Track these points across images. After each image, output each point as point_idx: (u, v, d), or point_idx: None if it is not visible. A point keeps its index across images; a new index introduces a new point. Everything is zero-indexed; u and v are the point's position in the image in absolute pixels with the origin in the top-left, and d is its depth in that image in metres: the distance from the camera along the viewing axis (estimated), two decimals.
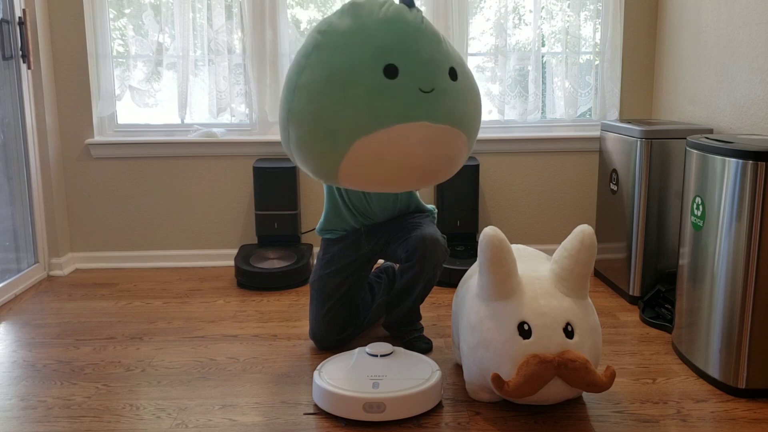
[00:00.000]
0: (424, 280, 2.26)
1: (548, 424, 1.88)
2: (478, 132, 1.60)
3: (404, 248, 2.24)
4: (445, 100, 1.40)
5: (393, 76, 1.36)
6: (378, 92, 1.36)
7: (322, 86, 1.40)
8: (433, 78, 1.39)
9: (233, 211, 3.50)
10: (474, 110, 1.50)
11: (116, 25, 3.42)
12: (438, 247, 2.23)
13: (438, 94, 1.39)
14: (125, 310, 2.86)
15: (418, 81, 1.37)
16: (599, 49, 3.41)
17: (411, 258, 2.23)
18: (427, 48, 1.39)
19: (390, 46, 1.37)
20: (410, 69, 1.37)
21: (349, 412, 1.87)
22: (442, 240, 2.26)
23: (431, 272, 2.25)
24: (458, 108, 1.43)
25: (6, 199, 3.11)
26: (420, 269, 2.23)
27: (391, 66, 1.36)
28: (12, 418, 1.95)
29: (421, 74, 1.38)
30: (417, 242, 2.21)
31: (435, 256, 2.23)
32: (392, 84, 1.35)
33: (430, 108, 1.39)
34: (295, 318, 2.74)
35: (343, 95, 1.37)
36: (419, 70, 1.38)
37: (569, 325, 1.83)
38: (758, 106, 2.48)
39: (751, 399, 2.02)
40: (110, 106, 3.43)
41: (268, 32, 3.31)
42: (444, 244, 2.26)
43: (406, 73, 1.36)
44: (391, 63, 1.36)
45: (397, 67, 1.37)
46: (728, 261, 2.02)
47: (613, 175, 3.01)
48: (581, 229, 1.88)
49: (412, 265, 2.24)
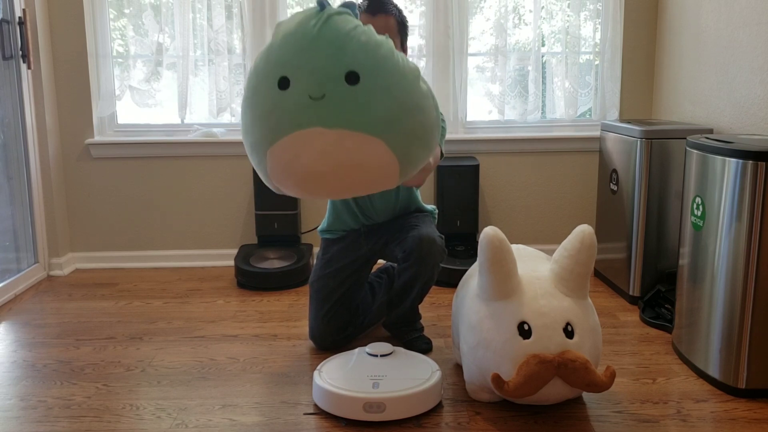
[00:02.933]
0: (421, 281, 2.26)
1: (548, 424, 1.88)
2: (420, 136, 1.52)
3: (401, 248, 2.24)
4: (340, 104, 1.41)
5: (285, 87, 1.43)
6: (273, 105, 1.44)
7: (244, 106, 1.53)
8: (323, 84, 1.41)
9: (233, 211, 3.50)
10: (389, 114, 1.46)
11: (116, 25, 3.42)
12: (435, 248, 2.22)
13: (329, 99, 1.41)
14: (125, 310, 2.86)
15: (307, 89, 1.42)
16: (599, 49, 3.42)
17: (408, 258, 2.23)
18: (320, 56, 1.42)
19: (284, 59, 1.45)
20: (300, 78, 1.42)
21: (349, 412, 1.87)
22: (440, 240, 2.25)
23: (428, 273, 2.25)
24: (358, 111, 1.42)
25: (6, 199, 3.11)
26: (417, 270, 2.23)
27: (283, 78, 1.43)
28: (12, 418, 1.95)
29: (309, 82, 1.42)
30: (414, 242, 2.21)
31: (432, 257, 2.22)
32: (285, 95, 1.42)
33: (321, 114, 1.41)
34: (295, 318, 2.74)
35: (253, 112, 1.48)
36: (308, 79, 1.42)
37: (569, 325, 1.83)
38: (758, 106, 2.48)
39: (751, 399, 2.02)
40: (110, 106, 3.43)
41: (268, 32, 3.31)
42: (441, 244, 2.26)
43: (296, 82, 1.42)
44: (283, 75, 1.44)
45: (289, 79, 1.43)
46: (728, 261, 2.02)
47: (613, 175, 3.01)
48: (581, 229, 1.88)
49: (409, 266, 2.24)
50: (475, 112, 3.54)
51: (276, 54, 1.46)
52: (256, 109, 1.47)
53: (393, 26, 2.13)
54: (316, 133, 1.42)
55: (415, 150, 1.52)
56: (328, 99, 1.41)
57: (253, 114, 1.48)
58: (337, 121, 1.42)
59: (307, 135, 1.42)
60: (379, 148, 1.46)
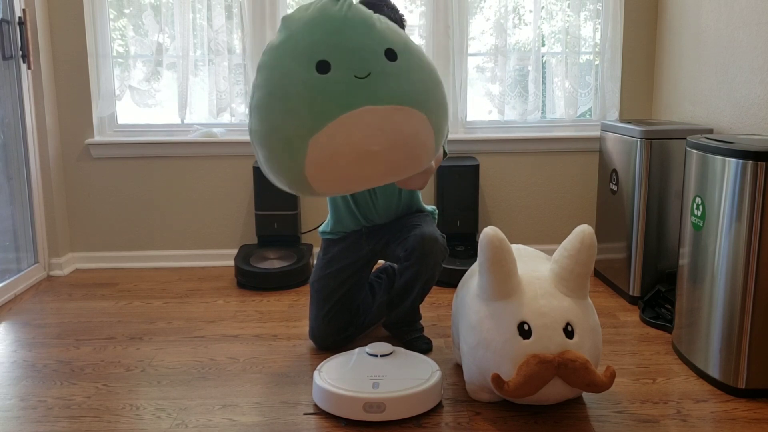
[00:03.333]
0: (422, 280, 2.26)
1: (548, 424, 1.88)
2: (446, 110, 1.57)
3: (403, 247, 2.24)
4: (386, 81, 1.41)
5: (326, 71, 1.39)
6: (315, 91, 1.39)
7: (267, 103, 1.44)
8: (366, 63, 1.41)
9: (233, 211, 3.50)
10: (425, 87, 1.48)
11: (116, 25, 3.42)
12: (436, 247, 2.22)
13: (375, 76, 1.41)
14: (125, 310, 2.86)
15: (351, 69, 1.39)
16: (599, 49, 3.42)
17: (410, 257, 2.23)
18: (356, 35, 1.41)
19: (317, 43, 1.40)
20: (341, 59, 1.39)
21: (349, 412, 1.87)
22: (441, 239, 2.26)
23: (430, 272, 2.25)
24: (402, 86, 1.44)
25: (6, 199, 3.11)
26: (418, 269, 2.23)
27: (322, 62, 1.39)
28: (12, 418, 1.95)
29: (353, 62, 1.40)
30: (415, 241, 2.21)
31: (433, 256, 2.22)
32: (327, 78, 1.38)
33: (369, 92, 1.40)
34: (295, 318, 2.74)
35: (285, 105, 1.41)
36: (350, 58, 1.40)
37: (569, 325, 1.83)
38: (758, 106, 2.48)
39: (751, 399, 2.02)
40: (110, 106, 3.43)
41: (268, 32, 3.31)
42: (443, 243, 2.26)
43: (338, 64, 1.39)
44: (322, 59, 1.39)
45: (329, 62, 1.39)
46: (728, 261, 2.02)
47: (613, 175, 3.01)
48: (581, 229, 1.88)
49: (410, 265, 2.24)
50: (475, 112, 3.54)
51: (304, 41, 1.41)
52: (289, 102, 1.40)
53: None
54: (366, 111, 1.40)
55: (443, 122, 1.55)
56: (374, 76, 1.40)
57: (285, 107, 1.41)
58: (385, 97, 1.40)
59: (357, 115, 1.39)
60: (421, 121, 1.47)
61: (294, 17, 1.49)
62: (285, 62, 1.43)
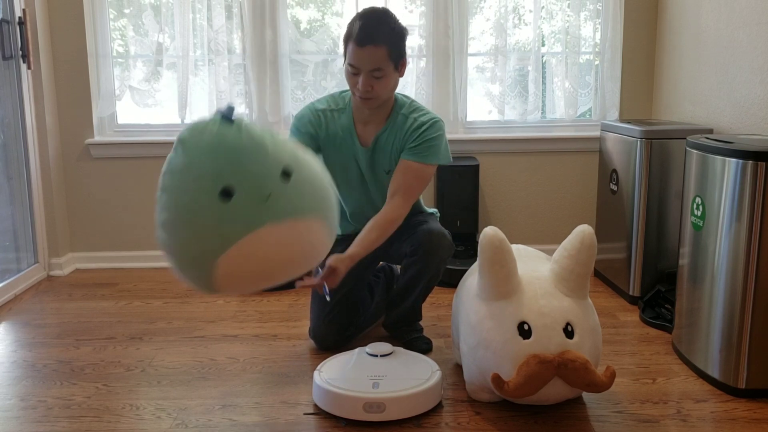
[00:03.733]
0: (428, 276, 2.26)
1: (548, 424, 1.88)
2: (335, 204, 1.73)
3: (410, 243, 2.24)
4: (284, 199, 1.54)
5: (230, 196, 1.49)
6: (220, 216, 1.49)
7: (174, 225, 1.54)
8: (265, 186, 1.52)
9: None
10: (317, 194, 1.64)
11: (116, 25, 3.42)
12: (444, 241, 2.24)
13: (275, 197, 1.53)
14: (125, 310, 2.86)
15: (253, 193, 1.51)
16: (599, 49, 3.42)
17: (416, 252, 2.23)
18: (254, 161, 1.52)
19: (219, 173, 1.50)
20: (243, 186, 1.50)
21: (349, 412, 1.87)
22: (449, 236, 2.27)
23: (435, 268, 2.25)
24: (298, 200, 1.58)
25: (6, 199, 3.11)
26: (425, 264, 2.24)
27: (225, 189, 1.49)
28: (12, 418, 1.95)
29: (253, 187, 1.51)
30: (423, 236, 2.22)
31: (441, 250, 2.23)
32: (230, 204, 1.49)
33: (270, 212, 1.52)
34: (295, 318, 2.74)
35: (192, 230, 1.51)
36: (251, 184, 1.51)
37: (569, 325, 1.83)
38: (758, 106, 2.48)
39: (751, 399, 2.02)
40: (110, 106, 3.43)
41: (268, 32, 3.31)
42: (450, 241, 2.28)
43: (240, 190, 1.50)
44: (225, 186, 1.49)
45: (231, 187, 1.50)
46: (728, 261, 2.02)
47: (613, 175, 3.01)
48: (581, 229, 1.88)
49: (416, 260, 2.24)
50: (475, 112, 3.54)
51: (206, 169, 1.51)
52: (195, 226, 1.51)
53: (381, 56, 2.05)
54: (269, 229, 1.52)
55: (336, 215, 1.71)
56: (273, 196, 1.53)
57: (193, 230, 1.51)
58: (284, 214, 1.54)
59: (260, 233, 1.51)
60: (318, 225, 1.62)
61: (192, 142, 1.56)
62: (189, 189, 1.52)
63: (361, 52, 2.05)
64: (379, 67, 2.06)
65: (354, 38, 2.05)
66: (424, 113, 2.24)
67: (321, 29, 3.45)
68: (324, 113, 2.24)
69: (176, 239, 1.54)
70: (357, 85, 2.09)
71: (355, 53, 2.06)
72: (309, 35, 3.44)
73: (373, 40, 2.04)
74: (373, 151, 2.25)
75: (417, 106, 2.26)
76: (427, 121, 2.21)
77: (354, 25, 2.08)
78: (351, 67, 2.08)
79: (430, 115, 2.25)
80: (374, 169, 2.27)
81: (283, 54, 3.36)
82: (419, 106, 2.27)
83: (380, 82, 2.09)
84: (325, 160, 2.25)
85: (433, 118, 2.23)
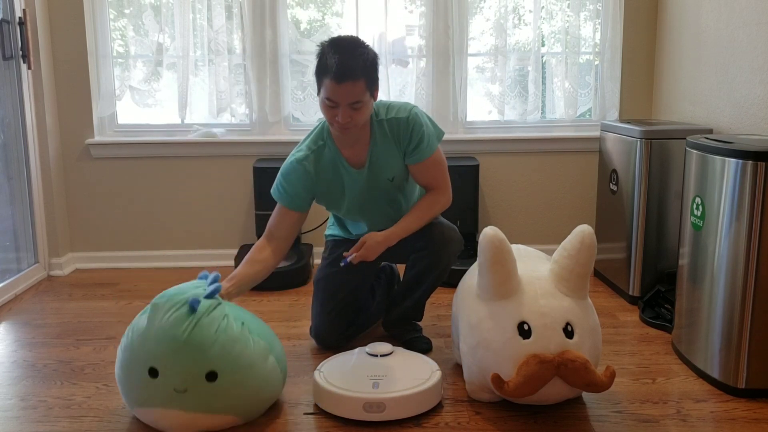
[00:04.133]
0: (437, 270, 2.27)
1: (548, 424, 1.88)
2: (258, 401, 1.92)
3: (421, 236, 2.25)
4: (199, 396, 1.80)
5: (155, 376, 1.79)
6: (143, 384, 1.81)
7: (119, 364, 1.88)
8: (185, 382, 1.78)
9: (233, 211, 3.50)
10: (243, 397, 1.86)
11: (116, 25, 3.42)
12: (455, 235, 2.28)
13: (191, 392, 1.79)
14: (125, 310, 2.86)
15: (173, 383, 1.78)
16: (599, 50, 3.42)
17: (427, 246, 2.24)
18: (187, 358, 1.78)
19: (156, 353, 1.79)
20: (167, 373, 1.78)
21: (349, 412, 1.87)
22: (458, 231, 2.31)
23: (446, 262, 2.27)
24: (215, 401, 1.82)
25: (6, 199, 3.12)
26: (437, 258, 2.25)
27: (153, 369, 1.79)
28: (12, 418, 1.95)
29: (175, 378, 1.78)
30: (436, 230, 2.25)
31: (453, 244, 2.26)
32: (154, 381, 1.79)
33: (183, 402, 1.79)
34: (295, 318, 2.74)
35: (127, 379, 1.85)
36: (175, 375, 1.78)
37: (569, 325, 1.83)
38: (758, 106, 2.48)
39: (751, 399, 2.02)
40: (110, 106, 3.43)
41: (268, 32, 3.31)
42: (460, 235, 2.31)
43: (164, 375, 1.78)
44: (153, 367, 1.79)
45: (158, 371, 1.79)
46: (728, 261, 2.02)
47: (613, 175, 3.01)
48: (581, 229, 1.88)
49: (427, 254, 2.25)
50: (475, 112, 3.54)
51: (149, 345, 1.80)
52: (128, 379, 1.84)
53: (360, 90, 2.02)
54: (176, 412, 1.80)
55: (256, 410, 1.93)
56: (190, 392, 1.79)
57: (127, 379, 1.85)
58: (194, 408, 1.80)
59: (168, 412, 1.81)
60: (229, 419, 1.86)
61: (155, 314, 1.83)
62: (133, 352, 1.83)
63: (339, 88, 2.01)
64: (358, 100, 2.04)
65: (332, 75, 2.00)
66: (396, 110, 2.21)
67: (321, 29, 3.45)
68: (307, 160, 2.21)
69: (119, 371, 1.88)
70: (336, 117, 2.07)
71: (332, 89, 2.02)
72: (309, 35, 3.44)
73: (351, 76, 2.00)
74: (370, 169, 2.23)
75: (386, 104, 2.24)
76: (405, 118, 2.19)
77: (328, 60, 2.01)
78: (329, 101, 2.04)
79: (401, 107, 2.22)
80: (374, 183, 2.26)
81: (283, 54, 3.36)
82: (387, 103, 2.24)
83: (359, 112, 2.06)
84: (320, 196, 2.26)
85: (406, 111, 2.20)
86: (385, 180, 2.25)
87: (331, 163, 2.23)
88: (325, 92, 2.05)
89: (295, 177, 2.21)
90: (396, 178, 2.26)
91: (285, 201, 2.23)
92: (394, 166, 2.24)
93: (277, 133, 3.46)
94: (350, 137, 2.17)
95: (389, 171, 2.24)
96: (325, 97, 2.05)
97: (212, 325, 1.83)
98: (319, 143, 2.23)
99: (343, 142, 2.20)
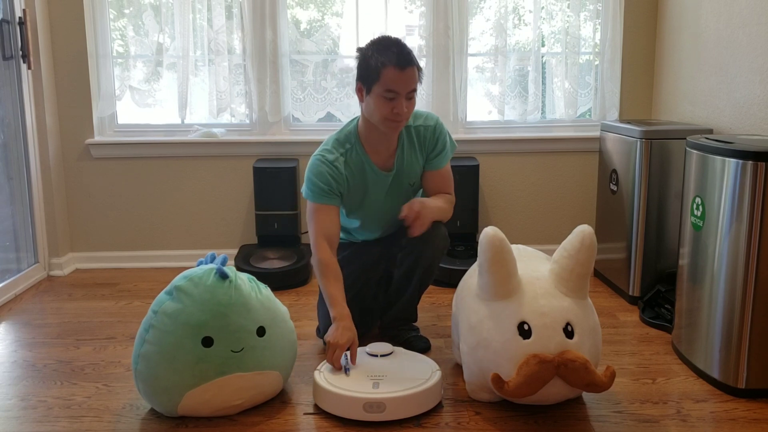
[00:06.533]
0: (422, 267, 2.27)
1: (548, 424, 1.88)
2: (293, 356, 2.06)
3: (404, 234, 2.25)
4: (254, 353, 1.87)
5: (209, 345, 1.82)
6: (198, 360, 1.82)
7: (157, 359, 1.85)
8: (241, 341, 1.85)
9: (233, 211, 3.50)
10: (282, 352, 1.97)
11: (116, 25, 3.42)
12: (438, 231, 2.26)
13: (247, 351, 1.86)
14: (125, 310, 2.86)
15: (229, 345, 1.84)
16: (599, 50, 3.42)
17: (410, 242, 2.24)
18: (237, 318, 1.86)
19: (204, 322, 1.83)
20: (222, 338, 1.83)
21: (349, 412, 1.87)
22: (444, 227, 2.30)
23: (430, 258, 2.27)
24: (264, 356, 1.90)
25: (6, 199, 3.12)
26: (420, 254, 2.25)
27: (207, 338, 1.82)
28: (12, 418, 1.95)
29: (231, 341, 1.84)
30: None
31: (436, 239, 2.25)
32: (209, 351, 1.82)
33: (240, 363, 1.86)
34: (295, 318, 2.73)
35: (172, 365, 1.83)
36: (230, 338, 1.84)
37: (569, 325, 1.83)
38: (758, 106, 2.48)
39: (751, 399, 2.02)
40: (110, 106, 3.43)
41: (268, 32, 3.31)
42: (445, 231, 2.30)
43: (219, 341, 1.83)
44: (207, 336, 1.82)
45: (212, 338, 1.83)
46: (728, 261, 2.02)
47: (613, 175, 3.01)
48: (581, 229, 1.88)
49: (411, 251, 2.25)
50: (475, 113, 3.54)
51: (194, 318, 1.83)
52: (176, 362, 1.83)
53: (416, 77, 2.11)
54: (235, 377, 1.85)
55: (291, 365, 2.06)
56: (246, 351, 1.86)
57: (172, 366, 1.83)
58: (250, 367, 1.87)
59: (227, 379, 1.85)
60: (275, 376, 1.96)
61: (187, 291, 1.87)
62: (177, 332, 1.83)
63: (402, 74, 2.06)
64: (414, 88, 2.11)
65: (395, 62, 2.05)
66: (423, 118, 2.30)
67: (321, 29, 3.45)
68: (338, 161, 2.22)
69: (154, 370, 1.85)
70: (393, 110, 2.09)
71: (395, 77, 2.06)
72: (309, 35, 3.44)
73: (411, 61, 2.09)
74: (396, 173, 2.27)
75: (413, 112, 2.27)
76: (433, 126, 2.29)
77: (385, 52, 2.07)
78: (389, 93, 2.07)
79: (428, 116, 2.31)
80: (398, 187, 2.29)
81: (283, 54, 3.36)
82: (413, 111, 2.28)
83: (411, 102, 2.13)
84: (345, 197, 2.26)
85: (433, 120, 2.31)
86: (407, 184, 2.30)
87: (359, 165, 2.25)
88: (384, 85, 2.07)
89: (329, 175, 2.21)
90: (416, 183, 2.32)
91: (325, 199, 2.21)
92: (417, 171, 2.30)
93: (277, 133, 3.46)
94: (385, 140, 2.22)
95: (413, 176, 2.30)
96: (385, 90, 2.08)
97: (246, 286, 1.94)
98: (347, 146, 2.25)
99: (372, 146, 2.24)
